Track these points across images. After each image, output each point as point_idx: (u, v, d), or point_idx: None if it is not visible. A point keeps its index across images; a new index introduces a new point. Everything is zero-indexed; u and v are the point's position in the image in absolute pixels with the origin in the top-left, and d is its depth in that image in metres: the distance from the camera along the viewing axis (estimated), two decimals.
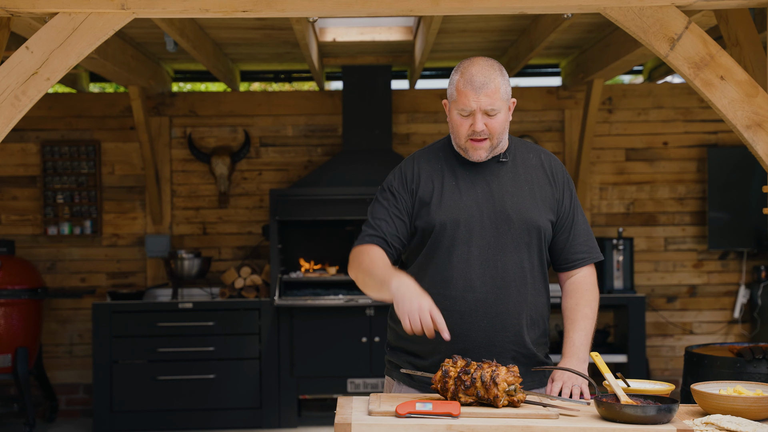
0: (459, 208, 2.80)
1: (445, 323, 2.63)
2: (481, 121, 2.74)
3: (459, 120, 2.77)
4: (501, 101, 2.75)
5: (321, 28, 6.51)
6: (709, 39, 3.31)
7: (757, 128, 3.30)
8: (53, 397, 6.94)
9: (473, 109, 2.73)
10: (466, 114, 2.75)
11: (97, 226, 7.22)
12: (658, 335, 7.34)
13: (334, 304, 6.49)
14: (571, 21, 5.05)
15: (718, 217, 7.16)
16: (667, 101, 7.36)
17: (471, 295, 2.78)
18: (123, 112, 7.28)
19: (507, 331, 2.79)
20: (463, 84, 2.74)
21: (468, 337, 2.77)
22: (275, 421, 6.57)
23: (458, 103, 2.75)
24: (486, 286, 2.78)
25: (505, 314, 2.79)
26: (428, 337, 2.55)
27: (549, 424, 2.37)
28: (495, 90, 2.73)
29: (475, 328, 2.77)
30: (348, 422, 2.40)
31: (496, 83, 2.74)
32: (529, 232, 2.81)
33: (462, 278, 2.78)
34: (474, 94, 2.72)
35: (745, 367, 3.63)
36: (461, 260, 2.78)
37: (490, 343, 2.77)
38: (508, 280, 2.79)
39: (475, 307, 2.78)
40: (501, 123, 2.77)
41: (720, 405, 2.50)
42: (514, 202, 2.81)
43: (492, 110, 2.73)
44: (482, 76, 2.73)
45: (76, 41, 3.30)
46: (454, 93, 2.77)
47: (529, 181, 2.85)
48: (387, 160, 6.75)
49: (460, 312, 2.78)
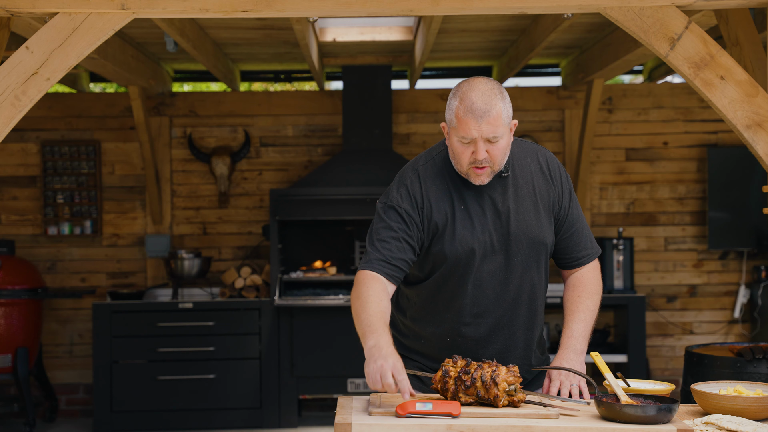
0: (472, 237, 2.73)
1: (459, 346, 2.67)
2: (483, 148, 2.63)
3: (460, 148, 2.66)
4: (503, 127, 2.64)
5: (321, 28, 6.51)
6: (710, 39, 3.31)
7: (757, 128, 3.30)
8: (53, 397, 6.93)
9: (475, 137, 2.62)
10: (467, 142, 2.64)
11: (97, 226, 7.22)
12: (658, 335, 7.34)
13: (334, 304, 6.49)
14: (571, 21, 5.05)
15: (718, 217, 7.16)
16: (667, 101, 7.36)
17: (484, 320, 2.77)
18: (123, 112, 7.28)
19: (517, 348, 2.82)
20: (464, 112, 2.62)
21: (480, 355, 2.78)
22: (275, 421, 6.57)
23: (459, 131, 2.64)
24: (499, 310, 2.77)
25: (516, 334, 2.81)
26: (389, 392, 2.46)
27: (549, 424, 2.37)
28: (497, 117, 2.61)
29: (488, 352, 2.79)
30: (348, 422, 2.40)
31: (497, 109, 2.62)
32: (537, 250, 2.79)
33: (475, 305, 2.76)
34: (475, 123, 2.61)
35: (745, 367, 3.63)
36: (474, 287, 2.75)
37: (503, 360, 2.80)
38: (520, 301, 2.79)
39: (489, 333, 2.78)
40: (503, 149, 2.67)
41: (720, 405, 2.49)
42: (519, 221, 2.76)
43: (494, 137, 2.63)
44: (483, 103, 2.61)
45: (76, 41, 3.30)
46: (454, 120, 2.65)
47: (531, 192, 2.79)
48: (387, 160, 6.75)
49: (474, 339, 2.78)
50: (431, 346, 2.84)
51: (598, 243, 6.75)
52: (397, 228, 2.72)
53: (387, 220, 2.74)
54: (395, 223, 2.72)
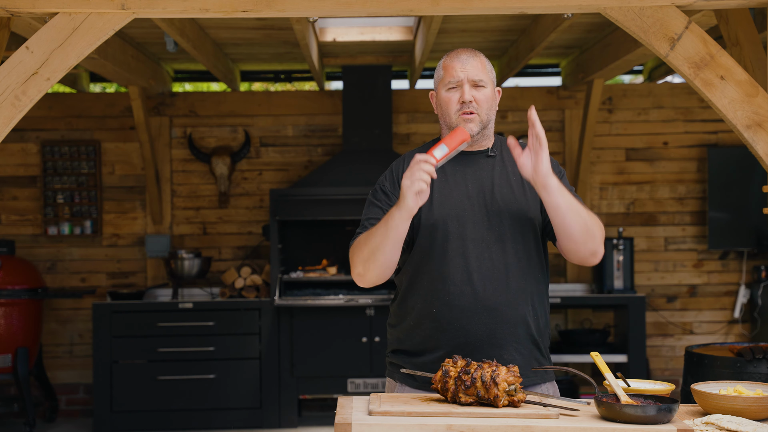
0: (450, 203, 2.81)
1: (446, 318, 2.70)
2: (469, 92, 2.78)
3: (447, 96, 2.82)
4: (486, 75, 2.81)
5: (321, 28, 6.51)
6: (710, 39, 3.31)
7: (757, 128, 3.30)
8: (53, 397, 6.94)
9: (461, 78, 2.79)
10: (453, 85, 2.80)
11: (97, 226, 7.22)
12: (658, 335, 7.34)
13: (334, 304, 6.49)
14: (571, 21, 5.05)
15: (718, 217, 7.16)
16: (667, 101, 7.36)
17: (469, 288, 2.77)
18: (123, 112, 7.28)
19: (508, 323, 2.79)
20: (450, 60, 2.83)
21: (469, 330, 2.77)
22: (275, 421, 6.58)
23: (445, 78, 2.81)
24: (484, 279, 2.78)
25: (505, 306, 2.78)
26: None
27: (549, 424, 2.37)
28: (481, 63, 2.81)
29: (476, 322, 2.77)
30: (348, 422, 2.39)
31: (481, 59, 2.82)
32: (522, 223, 2.81)
33: (459, 272, 2.78)
34: (460, 65, 2.79)
35: (745, 367, 3.63)
36: (457, 255, 2.78)
37: (491, 335, 2.77)
38: (507, 272, 2.79)
39: (475, 300, 2.77)
40: (488, 98, 2.81)
41: (720, 405, 2.49)
42: (503, 195, 2.82)
43: (480, 81, 2.79)
44: (467, 53, 2.82)
45: (76, 41, 3.30)
46: (441, 72, 2.84)
47: (516, 173, 2.85)
48: (387, 160, 6.69)
49: (459, 306, 2.78)
50: (419, 323, 2.83)
51: None
52: (380, 204, 2.87)
53: (373, 201, 2.89)
54: (378, 201, 2.88)
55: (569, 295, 6.80)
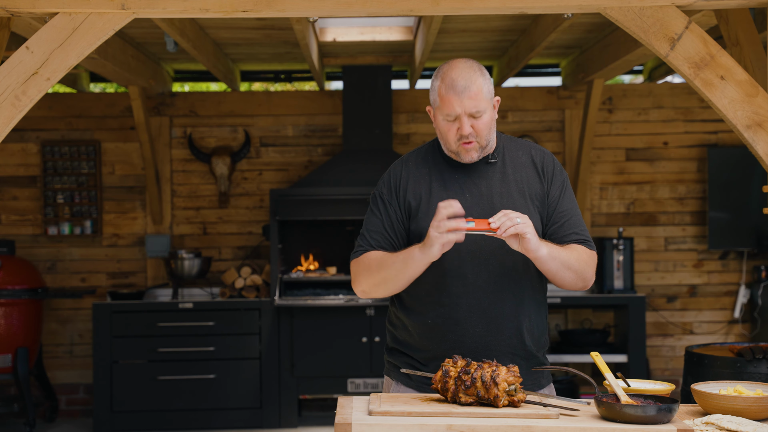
0: None
1: (441, 329, 2.72)
2: (468, 124, 2.72)
3: (446, 126, 2.77)
4: (485, 101, 2.73)
5: (321, 28, 6.51)
6: (710, 39, 3.30)
7: (758, 128, 3.30)
8: (53, 397, 6.94)
9: (458, 113, 2.72)
10: (451, 119, 2.74)
11: (97, 226, 7.22)
12: (658, 335, 7.34)
13: (334, 304, 6.49)
14: (571, 21, 5.05)
15: (718, 217, 7.16)
16: (668, 101, 7.36)
17: (465, 300, 2.76)
18: (123, 112, 7.28)
19: (503, 333, 2.77)
20: (445, 89, 2.73)
21: (464, 343, 2.76)
22: (275, 421, 6.58)
23: (443, 109, 2.74)
24: (480, 291, 2.76)
25: (500, 318, 2.77)
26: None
27: (549, 424, 2.37)
28: (477, 92, 2.72)
29: (471, 334, 2.76)
30: (348, 422, 2.39)
31: (478, 85, 2.72)
32: None
33: (455, 284, 2.77)
34: (457, 99, 2.71)
35: (745, 367, 3.63)
36: (453, 266, 2.76)
37: (486, 348, 2.76)
38: (503, 282, 2.78)
39: (470, 312, 2.76)
40: (487, 123, 2.76)
41: (720, 405, 2.49)
42: (503, 203, 2.79)
43: (477, 112, 2.72)
44: (463, 79, 2.72)
45: (76, 41, 3.30)
46: (437, 99, 2.76)
47: (518, 180, 2.83)
48: (387, 160, 6.71)
49: (455, 318, 2.77)
50: (415, 331, 2.83)
51: (597, 243, 6.79)
52: (380, 215, 2.86)
53: (373, 210, 2.89)
54: (378, 211, 2.87)
55: (569, 295, 6.80)
